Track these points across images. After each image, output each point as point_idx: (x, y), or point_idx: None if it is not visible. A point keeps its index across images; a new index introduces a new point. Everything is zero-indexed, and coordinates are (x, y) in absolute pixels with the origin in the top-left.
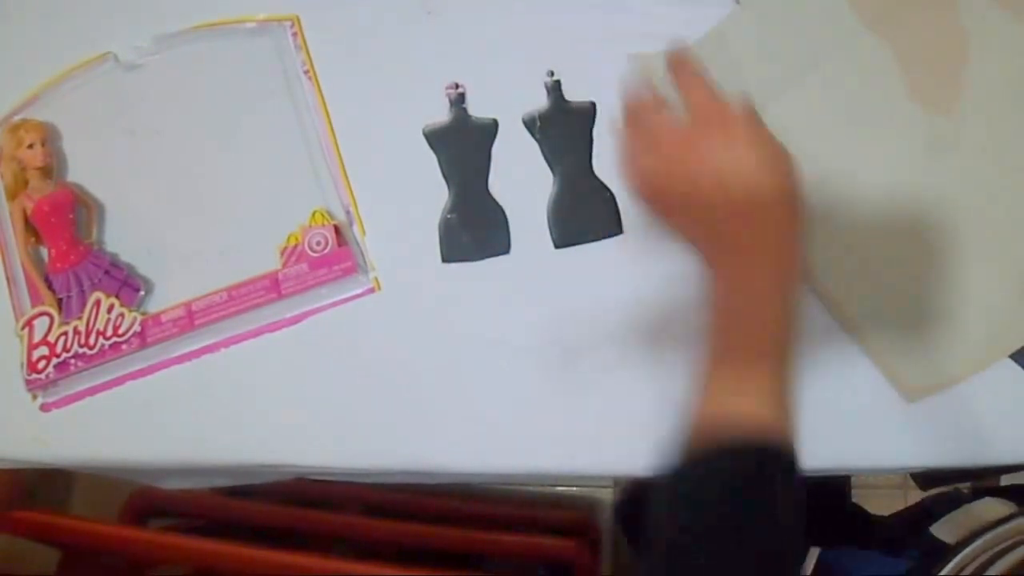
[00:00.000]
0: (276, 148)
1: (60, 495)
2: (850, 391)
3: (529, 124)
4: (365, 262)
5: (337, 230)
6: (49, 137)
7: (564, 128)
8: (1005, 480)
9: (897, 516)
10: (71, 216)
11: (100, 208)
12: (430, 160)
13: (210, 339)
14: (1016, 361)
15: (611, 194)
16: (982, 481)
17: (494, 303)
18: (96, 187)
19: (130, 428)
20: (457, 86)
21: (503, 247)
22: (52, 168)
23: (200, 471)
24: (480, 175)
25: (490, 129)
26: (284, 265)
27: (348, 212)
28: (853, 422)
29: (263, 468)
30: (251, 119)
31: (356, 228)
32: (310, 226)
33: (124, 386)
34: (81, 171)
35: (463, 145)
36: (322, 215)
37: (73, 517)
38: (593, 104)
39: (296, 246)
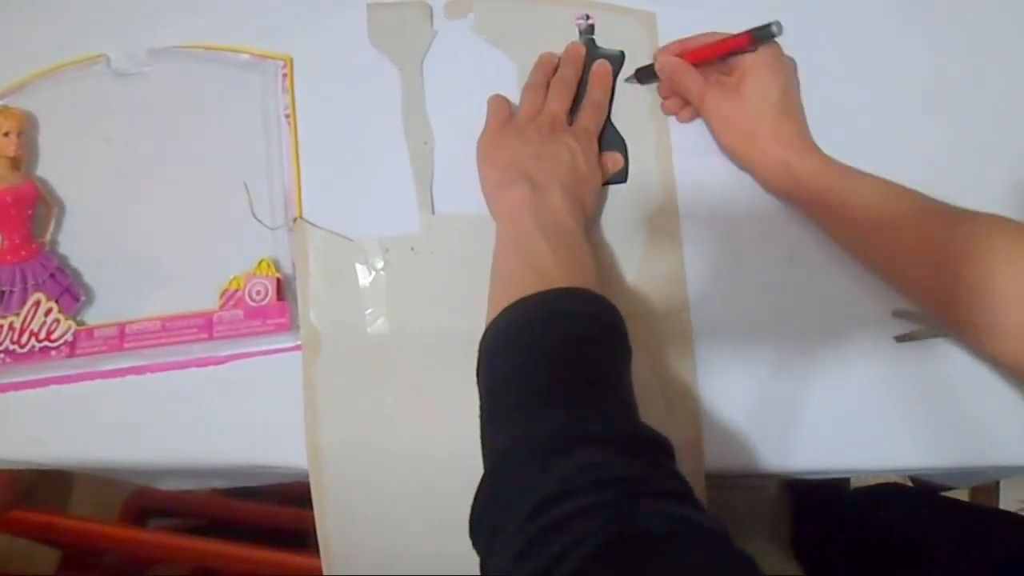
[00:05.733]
0: (240, 187)
1: (60, 495)
2: (850, 391)
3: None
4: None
5: (279, 283)
6: (26, 128)
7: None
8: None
9: None
10: (30, 212)
11: (61, 208)
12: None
13: (137, 362)
14: None
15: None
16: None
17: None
18: (61, 186)
19: (82, 428)
20: (587, 17)
21: (622, 176)
22: (22, 160)
23: (191, 473)
24: None
25: (617, 60)
26: (221, 307)
27: (295, 267)
28: (853, 422)
29: (261, 469)
30: (223, 152)
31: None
32: (254, 274)
33: (47, 389)
34: (50, 167)
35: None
36: (268, 265)
37: (73, 517)
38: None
39: (237, 291)
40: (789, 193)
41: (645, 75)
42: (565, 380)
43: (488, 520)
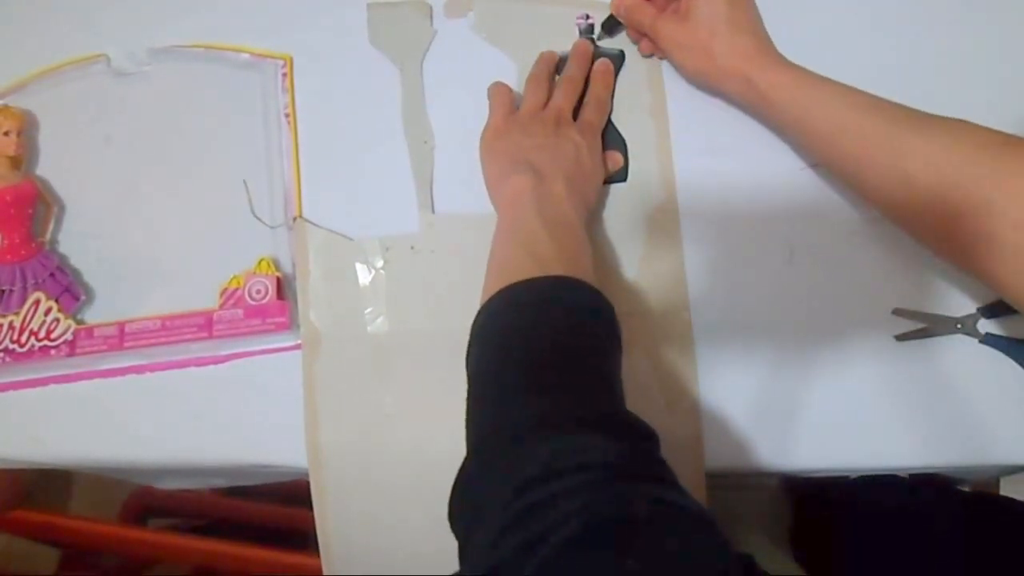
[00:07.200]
0: (240, 186)
1: (60, 495)
2: (850, 390)
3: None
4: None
5: (279, 282)
6: (26, 128)
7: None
8: (1005, 484)
9: None
10: (30, 211)
11: (61, 207)
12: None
13: (137, 361)
14: (1016, 360)
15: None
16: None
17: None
18: (61, 186)
19: (89, 427)
20: (587, 16)
21: (622, 175)
22: (23, 160)
23: (191, 472)
24: None
25: (617, 59)
26: (221, 306)
27: (295, 266)
28: (853, 422)
29: (261, 469)
30: (224, 151)
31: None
32: (254, 272)
33: (47, 388)
34: (50, 167)
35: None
36: (268, 264)
37: (73, 517)
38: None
39: (237, 289)
40: (755, 108)
41: (611, 26)
42: (553, 366)
43: (470, 500)
